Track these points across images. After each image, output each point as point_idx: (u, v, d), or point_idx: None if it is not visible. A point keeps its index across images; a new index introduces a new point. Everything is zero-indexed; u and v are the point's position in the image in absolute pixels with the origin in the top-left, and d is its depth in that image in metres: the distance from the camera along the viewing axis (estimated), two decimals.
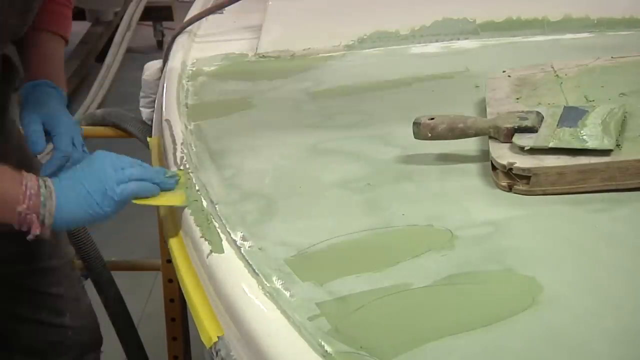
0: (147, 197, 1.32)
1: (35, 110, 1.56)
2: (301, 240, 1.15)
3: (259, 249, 1.14)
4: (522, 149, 1.24)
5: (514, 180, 1.22)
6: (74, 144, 1.55)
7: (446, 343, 0.91)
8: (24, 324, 1.74)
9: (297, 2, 2.16)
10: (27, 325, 1.74)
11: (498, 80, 1.56)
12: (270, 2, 2.16)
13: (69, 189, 1.28)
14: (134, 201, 1.31)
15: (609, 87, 1.46)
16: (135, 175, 1.30)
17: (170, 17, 5.60)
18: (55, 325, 1.77)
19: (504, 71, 1.60)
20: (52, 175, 1.38)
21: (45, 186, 1.28)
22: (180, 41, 2.05)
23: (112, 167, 1.30)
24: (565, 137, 1.23)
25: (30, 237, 1.28)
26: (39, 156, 1.69)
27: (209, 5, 2.16)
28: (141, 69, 2.13)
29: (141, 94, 2.15)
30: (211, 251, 1.14)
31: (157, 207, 1.39)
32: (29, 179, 1.28)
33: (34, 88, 1.59)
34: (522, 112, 1.33)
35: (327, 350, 0.91)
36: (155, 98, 1.96)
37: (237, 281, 1.07)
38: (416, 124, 1.34)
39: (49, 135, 1.55)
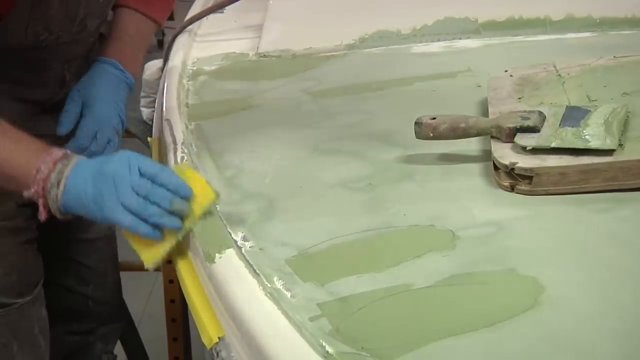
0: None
1: (82, 89, 1.57)
2: (302, 241, 1.15)
3: (260, 249, 1.14)
4: (524, 149, 1.24)
5: (516, 180, 1.22)
6: (95, 137, 1.56)
7: (448, 344, 0.91)
8: (48, 286, 1.76)
9: (298, 1, 2.16)
10: (52, 288, 1.77)
11: (500, 80, 1.56)
12: (271, 1, 2.16)
13: (81, 181, 1.25)
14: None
15: (612, 86, 1.46)
16: (136, 209, 1.20)
17: (170, 17, 5.60)
18: (78, 292, 1.82)
19: (505, 71, 1.60)
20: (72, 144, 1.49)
21: (58, 172, 1.26)
22: (181, 40, 2.05)
23: (125, 183, 1.21)
24: (567, 137, 1.23)
25: (39, 217, 1.29)
26: None
27: (209, 5, 2.17)
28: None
29: (141, 93, 2.15)
30: (212, 252, 1.14)
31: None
32: (46, 162, 1.27)
33: (97, 65, 1.61)
34: (524, 111, 1.33)
35: (328, 351, 0.91)
36: (155, 97, 1.96)
37: (237, 281, 1.07)
38: (418, 124, 1.34)
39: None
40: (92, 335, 1.89)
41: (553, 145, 1.22)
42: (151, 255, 1.22)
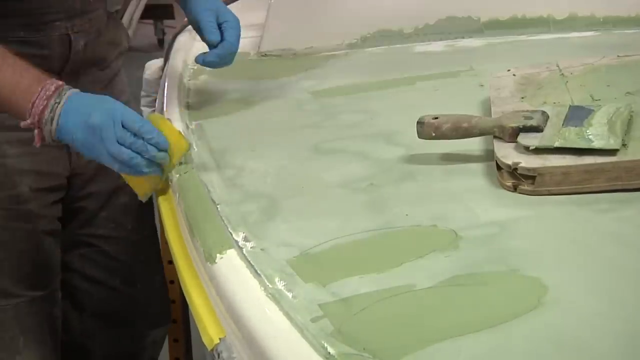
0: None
1: (204, 3, 1.66)
2: (304, 241, 1.15)
3: (261, 249, 1.14)
4: (527, 149, 1.24)
5: (519, 180, 1.22)
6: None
7: (450, 344, 0.91)
8: (97, 287, 1.80)
9: (300, 0, 2.16)
10: (100, 289, 1.80)
11: (503, 79, 1.56)
12: (272, 0, 2.16)
13: (71, 125, 1.35)
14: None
15: (615, 86, 1.46)
16: (128, 162, 1.33)
17: (171, 15, 5.61)
18: (125, 294, 1.82)
19: (508, 70, 1.60)
20: (211, 63, 1.64)
21: (51, 109, 1.35)
22: (182, 40, 2.06)
23: (102, 134, 1.33)
24: (570, 137, 1.23)
25: (35, 144, 1.38)
26: None
27: None
28: (142, 67, 2.14)
29: (142, 93, 2.15)
30: (213, 252, 1.14)
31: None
32: (40, 97, 1.36)
33: None
34: (527, 111, 1.33)
35: (330, 352, 0.91)
36: (156, 97, 1.96)
37: (239, 282, 1.07)
38: (420, 124, 1.34)
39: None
40: (142, 341, 1.89)
41: (556, 145, 1.22)
42: (141, 190, 1.43)
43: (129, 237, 1.79)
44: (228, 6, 2.12)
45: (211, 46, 1.67)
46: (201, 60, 1.66)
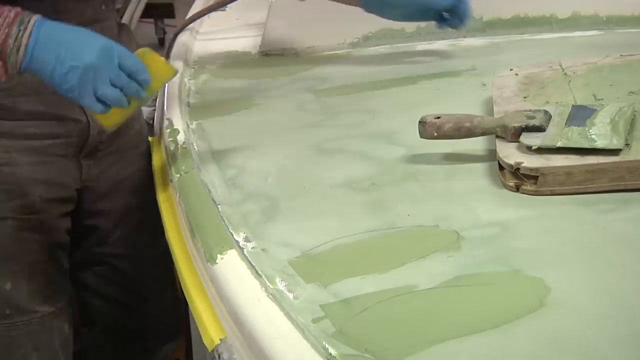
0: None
1: None
2: (305, 241, 1.15)
3: (262, 250, 1.14)
4: (529, 149, 1.24)
5: (522, 180, 1.22)
6: None
7: (452, 346, 0.91)
8: (110, 304, 1.79)
9: None
10: (113, 305, 1.80)
11: (505, 79, 1.56)
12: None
13: (45, 55, 1.29)
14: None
15: (618, 85, 1.46)
16: (111, 100, 1.32)
17: (171, 15, 5.60)
18: (138, 310, 1.82)
19: (511, 69, 1.60)
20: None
21: (17, 36, 1.28)
22: (182, 39, 2.06)
23: (98, 74, 1.30)
24: (573, 137, 1.23)
25: None
26: None
27: (211, 3, 2.17)
28: None
29: None
30: (213, 252, 1.14)
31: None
32: (4, 25, 1.29)
33: None
34: (530, 110, 1.33)
35: (331, 353, 0.91)
36: (156, 97, 1.96)
37: (239, 283, 1.07)
38: (422, 123, 1.34)
39: None
40: (154, 357, 1.89)
41: (559, 144, 1.22)
42: (110, 122, 1.39)
43: (145, 254, 1.78)
44: (228, 5, 2.13)
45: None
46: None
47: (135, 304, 1.81)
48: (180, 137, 1.52)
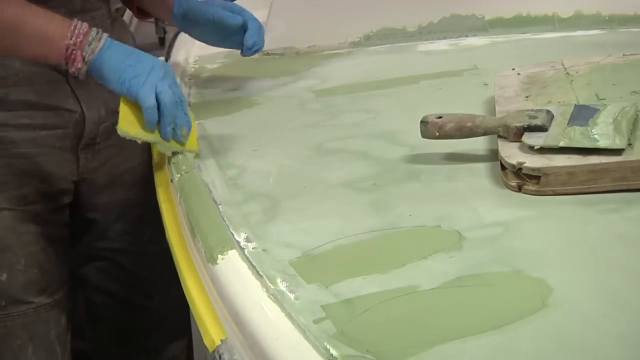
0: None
1: (206, 5, 1.69)
2: (306, 242, 1.15)
3: (263, 250, 1.13)
4: (531, 149, 1.24)
5: (524, 180, 1.22)
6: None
7: (454, 346, 0.91)
8: (113, 300, 1.81)
9: None
10: (116, 302, 1.81)
11: (507, 78, 1.56)
12: None
13: (119, 49, 1.41)
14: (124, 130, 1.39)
15: (621, 85, 1.46)
16: (163, 101, 1.38)
17: None
18: (142, 306, 1.83)
19: (513, 69, 1.60)
20: (255, 45, 1.65)
21: (97, 31, 1.40)
22: (183, 38, 2.06)
23: (163, 75, 1.39)
24: (575, 136, 1.23)
25: (72, 70, 1.40)
26: None
27: None
28: None
29: None
30: (214, 252, 1.14)
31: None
32: (80, 23, 1.40)
33: None
34: (532, 110, 1.33)
35: (332, 354, 0.91)
36: None
37: (240, 283, 1.07)
38: (423, 123, 1.34)
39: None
40: (160, 355, 1.89)
41: (561, 144, 1.22)
42: (128, 129, 1.39)
43: (146, 250, 1.79)
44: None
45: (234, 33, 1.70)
46: (251, 41, 1.67)
47: (139, 300, 1.81)
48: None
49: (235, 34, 1.66)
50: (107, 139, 1.64)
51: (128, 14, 4.81)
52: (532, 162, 1.21)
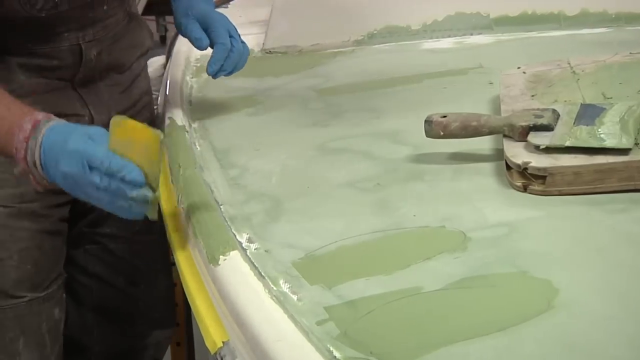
0: None
1: (188, 12, 1.66)
2: (309, 242, 1.15)
3: (266, 251, 1.14)
4: (537, 148, 1.24)
5: (529, 180, 1.22)
6: (231, 36, 1.62)
7: (459, 348, 0.91)
8: (99, 284, 1.81)
9: None
10: (103, 286, 1.81)
11: (512, 77, 1.56)
12: None
13: (51, 157, 1.26)
14: None
15: (627, 83, 1.45)
16: (110, 206, 1.24)
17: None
18: (128, 293, 1.83)
19: (518, 67, 1.60)
20: (219, 71, 1.58)
21: (30, 153, 1.27)
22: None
23: (77, 183, 1.24)
24: (582, 136, 1.23)
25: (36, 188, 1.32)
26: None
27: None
28: None
29: None
30: (216, 254, 1.14)
31: None
32: (19, 137, 1.27)
33: (177, 2, 1.71)
34: (538, 109, 1.33)
35: (335, 356, 0.91)
36: (158, 95, 1.96)
37: (242, 284, 1.07)
38: (428, 122, 1.34)
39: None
40: (144, 340, 1.90)
41: (567, 144, 1.22)
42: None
43: (136, 238, 1.79)
44: (231, 2, 2.13)
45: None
46: (213, 69, 1.61)
47: (124, 287, 1.82)
48: (182, 136, 1.52)
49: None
50: None
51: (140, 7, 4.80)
52: (538, 161, 1.21)
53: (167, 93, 1.76)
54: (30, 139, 1.27)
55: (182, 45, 2.00)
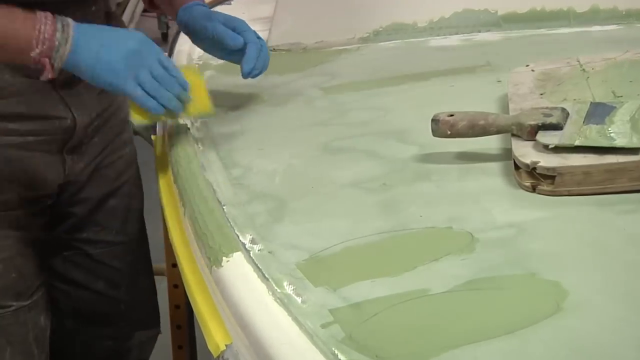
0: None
1: (210, 16, 1.66)
2: (313, 244, 1.15)
3: (269, 252, 1.14)
4: (546, 147, 1.24)
5: (538, 180, 1.22)
6: (258, 37, 1.65)
7: (466, 351, 0.91)
8: (78, 290, 1.81)
9: None
10: (82, 292, 1.82)
11: (521, 75, 1.56)
12: None
13: (89, 44, 1.38)
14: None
15: (638, 82, 1.45)
16: (149, 88, 1.40)
17: None
18: (108, 296, 1.83)
19: (527, 65, 1.60)
20: (253, 69, 1.61)
21: (63, 29, 1.37)
22: None
23: (140, 60, 1.40)
24: (592, 135, 1.23)
25: (42, 78, 1.38)
26: None
27: None
28: None
29: None
30: (219, 255, 1.15)
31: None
32: (44, 22, 1.36)
33: (192, 9, 1.69)
34: (547, 108, 1.33)
35: (340, 359, 0.91)
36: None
37: (246, 286, 1.07)
38: (435, 121, 1.34)
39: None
40: (127, 342, 1.90)
41: (577, 143, 1.22)
42: (141, 118, 1.45)
43: (114, 240, 1.80)
44: (232, 1, 2.13)
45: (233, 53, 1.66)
46: (249, 67, 1.61)
47: (104, 290, 1.82)
48: (184, 136, 1.53)
49: (237, 52, 1.64)
50: (92, 138, 1.64)
51: (130, 9, 4.80)
52: (547, 161, 1.21)
53: None
54: (55, 21, 1.36)
55: (184, 42, 2.00)
